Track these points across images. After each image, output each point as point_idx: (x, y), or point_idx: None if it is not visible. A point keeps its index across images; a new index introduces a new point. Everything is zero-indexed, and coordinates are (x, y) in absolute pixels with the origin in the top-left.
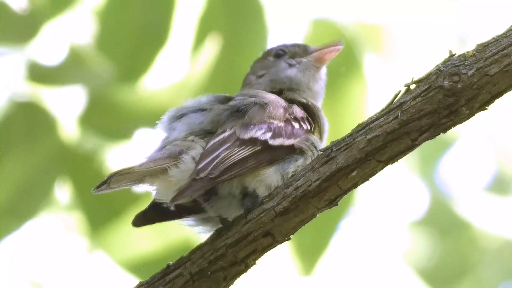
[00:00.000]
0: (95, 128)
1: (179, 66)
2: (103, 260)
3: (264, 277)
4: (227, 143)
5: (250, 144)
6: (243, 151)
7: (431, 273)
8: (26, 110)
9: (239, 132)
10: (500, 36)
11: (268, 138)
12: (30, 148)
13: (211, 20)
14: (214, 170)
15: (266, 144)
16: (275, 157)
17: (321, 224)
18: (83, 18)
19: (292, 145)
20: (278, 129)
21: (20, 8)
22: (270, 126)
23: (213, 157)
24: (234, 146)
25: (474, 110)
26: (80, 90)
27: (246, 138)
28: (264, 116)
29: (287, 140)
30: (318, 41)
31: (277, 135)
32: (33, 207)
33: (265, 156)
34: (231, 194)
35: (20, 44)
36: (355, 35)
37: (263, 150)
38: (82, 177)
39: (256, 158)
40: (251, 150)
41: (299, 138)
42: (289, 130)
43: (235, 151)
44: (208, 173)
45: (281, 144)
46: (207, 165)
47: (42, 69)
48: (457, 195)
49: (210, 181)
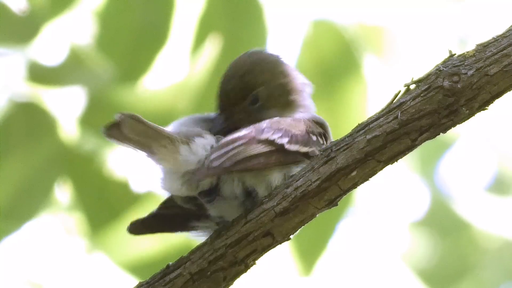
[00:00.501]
0: (95, 128)
1: (179, 67)
2: (103, 261)
3: (264, 277)
4: (242, 140)
5: (266, 144)
6: (260, 148)
7: (431, 274)
8: (26, 111)
9: (256, 133)
10: (500, 36)
11: (285, 143)
12: (30, 148)
13: (211, 21)
14: (228, 161)
15: (282, 147)
16: (288, 160)
17: (321, 224)
18: (83, 18)
19: (307, 152)
20: (295, 137)
21: (19, 9)
22: (287, 133)
23: (228, 149)
24: (250, 143)
25: (474, 110)
26: (80, 90)
27: (262, 139)
28: (282, 124)
29: (303, 148)
30: (317, 42)
31: (294, 141)
32: (33, 208)
33: (279, 157)
34: (233, 194)
35: (20, 45)
36: (355, 36)
37: (278, 151)
38: (82, 178)
39: (269, 158)
40: (267, 148)
41: (314, 148)
42: (306, 138)
43: (251, 147)
44: (221, 163)
45: (297, 150)
46: (221, 155)
47: (42, 70)
48: (457, 195)
49: (223, 170)
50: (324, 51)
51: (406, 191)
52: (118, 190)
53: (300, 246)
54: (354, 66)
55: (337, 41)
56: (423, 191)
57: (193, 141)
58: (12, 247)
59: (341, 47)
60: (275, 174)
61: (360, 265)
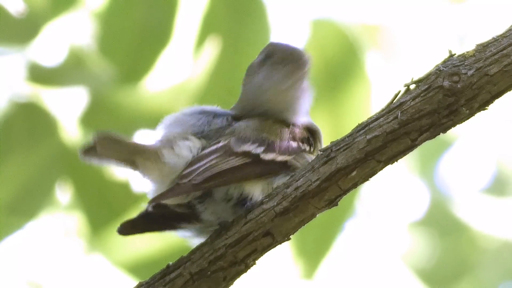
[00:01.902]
0: (95, 129)
1: (181, 68)
2: (103, 262)
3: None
4: (217, 153)
5: (240, 156)
6: (232, 161)
7: (431, 273)
8: (27, 111)
9: (234, 144)
10: (500, 36)
11: (260, 152)
12: (30, 149)
13: (213, 22)
14: (198, 176)
15: (258, 157)
16: (265, 171)
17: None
18: (84, 19)
19: (285, 161)
20: (272, 144)
21: (17, 11)
22: (264, 141)
23: (201, 164)
24: (224, 156)
25: (474, 110)
26: (81, 91)
27: (239, 152)
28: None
29: (280, 156)
30: (320, 42)
31: (271, 150)
32: (33, 208)
33: (254, 169)
34: (225, 199)
35: (21, 45)
36: (357, 35)
37: (253, 163)
38: (82, 179)
39: (244, 170)
40: (240, 161)
41: (293, 155)
42: (283, 146)
43: (223, 161)
44: (191, 179)
45: (272, 159)
46: (193, 171)
47: (43, 70)
48: (457, 196)
49: (192, 187)
50: (327, 51)
51: (405, 191)
52: (118, 191)
53: (303, 249)
54: (357, 66)
55: (339, 41)
56: (423, 191)
57: (177, 144)
58: (13, 247)
59: (344, 46)
60: (256, 186)
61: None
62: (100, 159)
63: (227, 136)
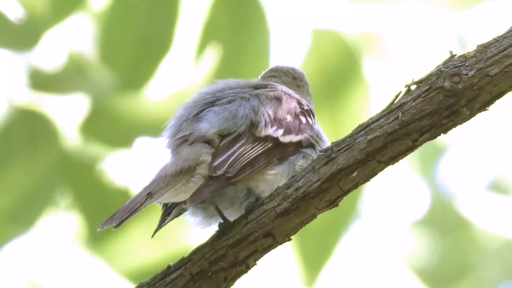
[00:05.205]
0: (96, 136)
1: (181, 76)
2: (103, 268)
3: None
4: (241, 140)
5: (262, 141)
6: (256, 148)
7: (432, 273)
8: (27, 118)
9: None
10: (501, 37)
11: (279, 136)
12: (31, 156)
13: (214, 30)
14: (230, 168)
15: (277, 141)
16: (285, 155)
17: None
18: (85, 26)
19: (300, 141)
20: (288, 125)
21: (17, 18)
22: (282, 122)
23: (228, 154)
24: (247, 143)
25: (474, 110)
26: (82, 98)
27: (262, 136)
28: (279, 111)
29: (295, 137)
30: (320, 50)
31: (288, 131)
32: (34, 215)
33: (276, 154)
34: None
35: (21, 52)
36: (357, 44)
37: (274, 147)
38: (82, 185)
39: (267, 156)
40: (263, 147)
41: (306, 134)
42: (297, 125)
43: (248, 148)
44: (224, 172)
45: (290, 141)
46: (223, 163)
47: (44, 77)
48: (458, 195)
49: (227, 180)
50: (327, 60)
51: (406, 191)
52: (118, 198)
53: (305, 255)
54: (357, 74)
55: (340, 50)
56: (424, 191)
57: (196, 174)
58: (14, 253)
59: (344, 55)
60: (278, 171)
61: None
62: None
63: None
